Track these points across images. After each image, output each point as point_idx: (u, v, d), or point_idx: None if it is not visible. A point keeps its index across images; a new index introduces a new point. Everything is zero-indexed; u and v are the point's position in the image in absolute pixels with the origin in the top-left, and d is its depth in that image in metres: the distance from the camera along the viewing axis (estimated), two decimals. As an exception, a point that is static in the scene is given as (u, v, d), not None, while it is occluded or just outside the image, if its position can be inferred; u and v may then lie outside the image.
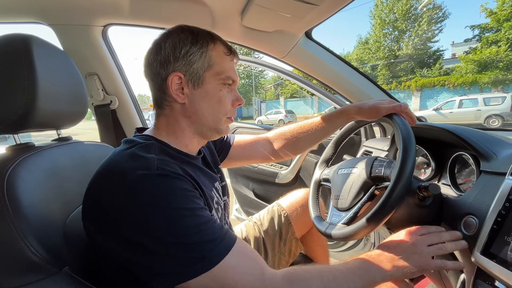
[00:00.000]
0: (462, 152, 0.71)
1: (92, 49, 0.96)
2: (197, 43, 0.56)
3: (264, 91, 30.11)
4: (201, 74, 0.57)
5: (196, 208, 0.46)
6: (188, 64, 0.56)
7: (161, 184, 0.46)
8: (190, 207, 0.46)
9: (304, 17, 0.82)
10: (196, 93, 0.57)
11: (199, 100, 0.58)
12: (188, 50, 0.56)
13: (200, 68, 0.57)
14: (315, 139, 0.84)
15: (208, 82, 0.58)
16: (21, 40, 0.52)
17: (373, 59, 21.34)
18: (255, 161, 0.92)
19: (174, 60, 0.56)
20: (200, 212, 0.47)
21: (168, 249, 0.43)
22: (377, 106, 0.68)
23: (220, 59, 0.58)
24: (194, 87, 0.57)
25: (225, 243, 0.46)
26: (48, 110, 0.56)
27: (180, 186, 0.47)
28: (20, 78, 0.51)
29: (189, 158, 0.60)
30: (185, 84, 0.57)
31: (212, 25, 0.86)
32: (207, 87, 0.58)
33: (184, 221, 0.44)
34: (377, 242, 1.30)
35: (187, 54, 0.56)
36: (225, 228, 0.49)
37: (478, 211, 0.56)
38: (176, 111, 0.59)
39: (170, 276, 0.43)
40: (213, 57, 0.57)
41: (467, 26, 19.45)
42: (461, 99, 11.10)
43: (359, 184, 0.67)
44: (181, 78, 0.56)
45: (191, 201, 0.47)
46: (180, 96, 0.57)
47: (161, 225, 0.43)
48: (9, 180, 0.46)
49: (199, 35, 0.57)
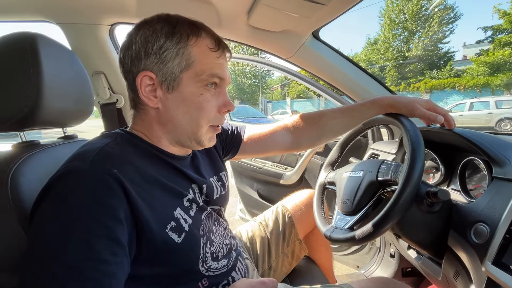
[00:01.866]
0: (473, 157, 0.68)
1: (99, 48, 0.96)
2: (173, 37, 0.47)
3: (271, 91, 30.05)
4: (177, 74, 0.48)
5: (95, 237, 0.36)
6: (161, 62, 0.47)
7: (72, 184, 0.38)
8: (90, 230, 0.36)
9: (312, 16, 0.81)
10: (170, 97, 0.49)
11: (174, 106, 0.49)
12: (161, 45, 0.47)
13: (175, 68, 0.48)
14: (342, 129, 0.78)
15: (186, 84, 0.49)
16: (28, 38, 0.53)
17: (381, 60, 21.07)
18: (273, 153, 0.84)
19: (145, 56, 0.47)
20: (96, 243, 0.36)
21: (29, 260, 0.35)
22: (414, 105, 0.66)
23: (203, 56, 0.49)
24: (168, 90, 0.49)
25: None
26: (54, 108, 0.56)
27: (97, 198, 0.38)
28: (26, 76, 0.51)
29: (165, 155, 0.52)
30: (158, 86, 0.48)
31: (218, 25, 0.86)
32: (184, 90, 0.49)
33: (64, 241, 0.35)
34: (383, 247, 1.27)
35: (160, 50, 0.47)
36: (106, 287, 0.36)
37: (490, 218, 0.53)
38: (151, 116, 0.51)
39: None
40: (193, 54, 0.48)
41: (479, 27, 19.00)
42: (472, 101, 10.86)
43: (366, 188, 0.66)
44: (153, 78, 0.48)
45: (98, 225, 0.37)
46: (152, 100, 0.49)
47: (46, 229, 0.36)
48: (13, 178, 0.46)
49: (178, 27, 0.48)
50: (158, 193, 0.47)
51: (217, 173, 0.69)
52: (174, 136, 0.53)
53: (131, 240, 0.41)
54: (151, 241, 0.44)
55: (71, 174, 0.40)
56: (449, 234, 0.62)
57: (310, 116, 0.79)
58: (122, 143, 0.48)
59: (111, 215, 0.38)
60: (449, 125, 0.69)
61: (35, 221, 0.39)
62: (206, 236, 0.56)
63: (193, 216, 0.53)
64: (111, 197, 0.39)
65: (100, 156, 0.42)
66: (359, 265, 1.42)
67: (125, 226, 0.40)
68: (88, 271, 0.35)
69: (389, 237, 1.06)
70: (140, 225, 0.42)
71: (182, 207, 0.51)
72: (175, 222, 0.48)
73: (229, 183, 0.73)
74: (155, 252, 0.45)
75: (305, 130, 0.79)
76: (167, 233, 0.46)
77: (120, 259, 0.39)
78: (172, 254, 0.47)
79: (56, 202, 0.38)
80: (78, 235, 0.36)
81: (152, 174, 0.48)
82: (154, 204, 0.45)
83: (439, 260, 0.69)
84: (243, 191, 1.82)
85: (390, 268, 1.21)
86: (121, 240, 0.39)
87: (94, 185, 0.39)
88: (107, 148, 0.45)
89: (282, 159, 1.65)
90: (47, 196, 0.39)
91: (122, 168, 0.42)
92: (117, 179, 0.40)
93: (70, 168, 0.40)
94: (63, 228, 0.36)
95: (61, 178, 0.40)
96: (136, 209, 0.41)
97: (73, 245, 0.35)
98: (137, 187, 0.43)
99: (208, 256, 0.55)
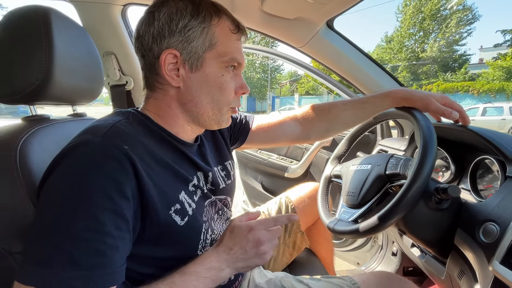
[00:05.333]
0: (486, 156, 0.66)
1: (111, 28, 0.96)
2: (198, 16, 0.47)
3: (279, 86, 29.87)
4: (201, 54, 0.48)
5: (101, 210, 0.36)
6: (186, 40, 0.47)
7: (83, 156, 0.39)
8: (94, 203, 0.36)
9: (328, 3, 0.78)
10: (193, 77, 0.49)
11: (196, 85, 0.50)
12: (186, 23, 0.47)
13: (199, 47, 0.48)
14: (353, 121, 0.77)
15: (209, 64, 0.49)
16: (41, 11, 0.53)
17: (394, 59, 20.65)
18: (281, 143, 0.82)
19: (170, 34, 0.47)
20: (102, 216, 0.36)
21: (34, 231, 0.36)
22: (429, 98, 0.65)
23: (225, 37, 0.49)
24: (191, 69, 0.49)
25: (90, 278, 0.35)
26: (64, 84, 0.56)
27: (106, 171, 0.38)
28: (38, 49, 0.51)
29: (174, 140, 0.52)
30: (180, 65, 0.48)
31: (230, 9, 0.84)
32: (207, 70, 0.49)
33: (71, 212, 0.36)
34: (385, 244, 1.26)
35: (185, 29, 0.47)
36: (109, 260, 0.37)
37: (501, 218, 0.52)
38: (169, 95, 0.51)
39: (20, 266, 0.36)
40: (216, 34, 0.48)
41: (498, 30, 18.39)
42: (485, 106, 10.59)
43: (373, 181, 0.64)
44: (177, 57, 0.48)
45: (105, 198, 0.37)
46: (175, 79, 0.49)
47: (52, 201, 0.37)
48: (22, 149, 0.47)
49: (201, 6, 0.48)
50: (165, 175, 0.48)
51: (222, 162, 0.68)
52: (193, 115, 0.53)
53: (136, 217, 0.42)
54: (155, 221, 0.44)
55: (83, 145, 0.40)
56: (456, 233, 0.60)
57: (321, 107, 0.78)
58: (134, 122, 0.48)
59: (118, 190, 0.38)
60: (464, 121, 0.67)
61: (44, 190, 0.39)
62: (208, 222, 0.56)
63: (197, 201, 0.53)
64: (120, 172, 0.39)
65: (112, 131, 0.43)
66: (360, 262, 1.42)
67: (131, 203, 0.40)
68: (93, 242, 0.36)
69: (392, 235, 1.05)
70: (146, 204, 0.42)
71: (187, 191, 0.51)
72: (179, 205, 0.48)
73: (235, 172, 0.73)
74: (158, 233, 0.45)
75: (315, 121, 0.77)
76: (170, 215, 0.46)
77: (123, 234, 0.39)
78: (173, 237, 0.48)
79: (67, 172, 0.38)
80: (85, 206, 0.36)
81: (160, 156, 0.48)
82: (161, 185, 0.45)
83: (444, 259, 0.68)
84: (247, 183, 1.82)
85: (392, 266, 1.21)
86: (126, 215, 0.39)
87: (105, 158, 0.39)
88: (119, 124, 0.45)
89: (288, 152, 1.64)
90: (58, 166, 0.39)
91: (133, 145, 0.42)
92: (128, 155, 0.40)
93: (82, 140, 0.40)
94: (72, 197, 0.36)
95: (72, 149, 0.40)
96: (144, 187, 0.42)
97: (80, 214, 0.36)
98: (146, 166, 0.43)
99: (207, 243, 0.55)
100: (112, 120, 0.45)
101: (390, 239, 1.23)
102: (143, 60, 0.51)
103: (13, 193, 0.44)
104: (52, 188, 0.38)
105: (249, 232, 0.50)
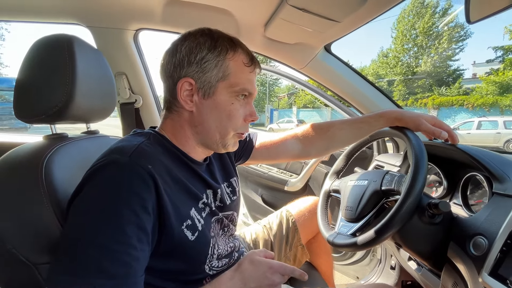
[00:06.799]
0: (475, 173, 0.71)
1: (123, 51, 1.03)
2: (214, 50, 0.53)
3: (278, 99, 30.22)
4: (214, 83, 0.53)
5: (127, 223, 0.40)
6: (201, 71, 0.53)
7: (112, 174, 0.43)
8: (121, 214, 0.40)
9: (325, 32, 0.86)
10: (205, 103, 0.54)
11: (207, 111, 0.54)
12: (203, 56, 0.52)
13: (213, 77, 0.53)
14: (350, 139, 0.82)
15: (220, 93, 0.54)
16: (66, 39, 0.58)
17: (390, 74, 21.11)
18: (282, 160, 0.87)
19: (188, 64, 0.53)
20: (128, 229, 0.40)
21: (65, 243, 0.40)
22: (420, 119, 0.70)
23: (238, 69, 0.54)
24: (204, 96, 0.54)
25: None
26: (83, 104, 0.61)
27: (133, 189, 0.42)
28: (63, 73, 0.56)
29: (187, 159, 0.57)
30: (195, 92, 0.53)
31: (236, 34, 0.90)
32: (218, 98, 0.54)
33: (100, 224, 0.39)
34: (384, 258, 1.28)
35: (201, 61, 0.52)
36: (132, 270, 0.40)
37: (488, 232, 0.56)
38: (183, 118, 0.56)
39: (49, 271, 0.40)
40: (230, 67, 0.54)
41: (490, 46, 18.98)
42: (480, 120, 10.78)
43: (370, 197, 0.68)
44: (192, 84, 0.53)
45: (131, 213, 0.41)
46: (188, 104, 0.54)
47: (82, 218, 0.41)
48: (47, 166, 0.51)
49: (219, 41, 0.54)
50: (179, 192, 0.52)
51: (228, 179, 0.72)
52: (202, 138, 0.57)
53: (154, 231, 0.45)
54: (170, 234, 0.48)
55: (112, 164, 0.44)
56: (449, 246, 0.64)
57: (319, 126, 0.83)
58: (154, 143, 0.53)
59: (142, 206, 0.42)
60: (453, 140, 0.72)
61: (75, 204, 0.43)
62: (214, 238, 0.60)
63: (204, 217, 0.57)
64: (144, 190, 0.43)
65: (137, 152, 0.47)
66: (359, 276, 1.43)
67: (151, 218, 0.44)
68: (120, 253, 0.39)
69: (390, 248, 1.08)
70: (163, 218, 0.46)
71: (197, 208, 0.55)
72: (190, 221, 0.52)
73: (239, 188, 0.76)
74: (170, 247, 0.49)
75: (314, 139, 0.82)
76: (182, 230, 0.50)
77: (144, 247, 0.43)
78: (184, 250, 0.51)
79: (97, 188, 0.42)
80: (114, 220, 0.40)
81: (176, 174, 0.52)
82: (176, 201, 0.50)
83: (438, 272, 0.70)
84: (248, 196, 1.84)
85: (390, 280, 1.22)
86: (147, 229, 0.43)
87: (132, 177, 0.43)
88: (143, 145, 0.49)
89: (288, 166, 1.68)
90: (88, 183, 0.43)
91: (155, 165, 0.47)
92: (151, 174, 0.45)
93: (111, 160, 0.45)
94: (101, 211, 0.40)
95: (102, 168, 0.44)
96: (162, 203, 0.46)
97: (109, 227, 0.40)
98: (165, 184, 0.48)
99: (214, 257, 0.59)
100: (136, 141, 0.50)
101: (389, 253, 1.25)
102: (164, 85, 0.57)
103: (39, 208, 0.47)
104: (83, 203, 0.42)
105: (268, 270, 0.53)
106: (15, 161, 0.52)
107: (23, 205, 0.49)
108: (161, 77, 0.58)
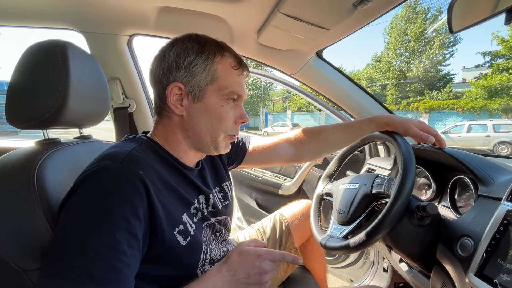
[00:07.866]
0: (462, 176, 0.73)
1: (117, 56, 1.03)
2: (202, 54, 0.54)
3: (272, 103, 30.36)
4: (203, 87, 0.54)
5: (118, 229, 0.40)
6: (190, 75, 0.53)
7: (103, 180, 0.43)
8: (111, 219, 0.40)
9: (316, 39, 0.88)
10: (195, 107, 0.55)
11: (197, 114, 0.55)
12: (191, 60, 0.53)
13: (202, 81, 0.54)
14: (341, 144, 0.83)
15: (210, 96, 0.55)
16: (60, 45, 0.58)
17: (383, 78, 21.45)
18: (275, 164, 0.89)
19: (177, 69, 0.53)
20: (119, 235, 0.40)
21: (55, 248, 0.40)
22: (408, 124, 0.72)
23: (226, 72, 0.55)
24: (193, 100, 0.54)
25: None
26: (76, 110, 0.61)
27: (124, 195, 0.42)
28: (56, 79, 0.56)
29: (179, 165, 0.57)
30: (184, 96, 0.54)
31: (230, 41, 0.92)
32: (207, 101, 0.55)
33: (91, 230, 0.40)
34: (376, 260, 1.30)
35: (190, 65, 0.53)
36: (123, 276, 0.40)
37: (474, 233, 0.57)
38: (174, 122, 0.56)
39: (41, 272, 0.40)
40: (218, 70, 0.54)
41: (478, 52, 19.50)
42: (470, 123, 11.01)
43: (361, 200, 0.69)
44: (181, 89, 0.54)
45: (122, 219, 0.41)
46: (179, 108, 0.54)
47: (72, 221, 0.41)
48: (39, 171, 0.51)
49: (206, 46, 0.54)
50: (171, 198, 0.52)
51: (219, 184, 0.72)
52: (193, 141, 0.58)
53: (145, 237, 0.46)
54: (161, 240, 0.48)
55: (104, 170, 0.44)
56: (438, 248, 0.65)
57: (312, 131, 0.84)
58: (146, 149, 0.53)
59: (133, 212, 0.43)
60: (440, 144, 0.74)
61: (66, 209, 0.43)
62: (206, 243, 0.60)
63: (196, 223, 0.57)
64: (136, 196, 0.44)
65: (129, 158, 0.47)
66: (353, 278, 1.44)
67: (142, 224, 0.44)
68: (110, 259, 0.39)
69: (382, 251, 1.09)
70: (154, 224, 0.46)
71: (189, 213, 0.56)
72: (183, 226, 0.52)
73: (232, 192, 0.76)
74: (162, 252, 0.49)
75: (306, 143, 0.84)
76: (174, 235, 0.50)
77: (135, 253, 0.43)
78: (176, 256, 0.51)
79: (88, 194, 0.42)
80: (104, 225, 0.40)
81: (168, 179, 0.53)
82: (168, 206, 0.50)
83: (428, 273, 0.72)
84: (242, 200, 1.84)
85: (383, 282, 1.23)
86: (138, 235, 0.43)
87: (123, 183, 0.43)
88: (134, 151, 0.50)
89: (282, 170, 1.69)
90: (80, 188, 0.43)
91: (146, 171, 0.47)
92: (142, 180, 0.45)
93: (103, 165, 0.45)
94: (92, 216, 0.40)
95: (94, 173, 0.44)
96: (153, 209, 0.46)
97: (99, 233, 0.40)
98: (156, 189, 0.48)
99: (206, 262, 0.59)
100: (128, 147, 0.50)
101: (381, 255, 1.27)
102: (155, 91, 0.58)
103: (30, 213, 0.47)
104: (74, 208, 0.42)
105: (257, 259, 0.53)
106: (7, 167, 0.52)
107: (14, 211, 0.48)
108: (150, 83, 0.59)
